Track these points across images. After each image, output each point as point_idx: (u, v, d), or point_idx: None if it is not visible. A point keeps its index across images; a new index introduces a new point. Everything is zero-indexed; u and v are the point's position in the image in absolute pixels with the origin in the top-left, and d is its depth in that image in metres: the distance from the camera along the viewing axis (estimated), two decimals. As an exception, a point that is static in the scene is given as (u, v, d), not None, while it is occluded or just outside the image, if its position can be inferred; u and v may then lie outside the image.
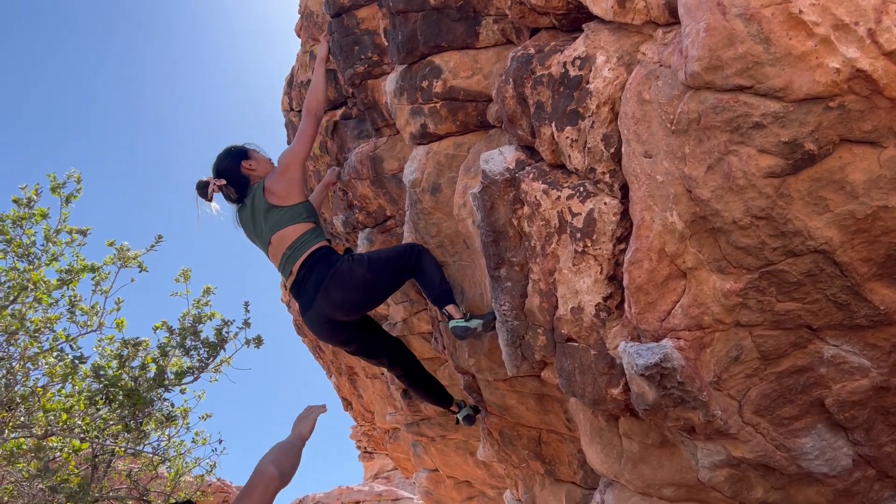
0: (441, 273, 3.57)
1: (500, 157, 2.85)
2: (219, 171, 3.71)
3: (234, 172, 3.67)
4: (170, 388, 2.95)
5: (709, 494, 2.62)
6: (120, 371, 2.91)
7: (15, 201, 3.10)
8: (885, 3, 1.57)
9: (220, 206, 3.76)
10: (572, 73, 2.37)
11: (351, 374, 7.24)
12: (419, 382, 4.11)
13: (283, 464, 2.00)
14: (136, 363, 3.18)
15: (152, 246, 3.56)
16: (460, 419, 4.29)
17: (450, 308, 3.44)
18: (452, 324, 3.36)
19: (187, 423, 4.22)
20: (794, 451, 2.30)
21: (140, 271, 3.53)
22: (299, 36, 4.87)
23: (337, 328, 3.58)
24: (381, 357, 3.94)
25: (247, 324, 2.79)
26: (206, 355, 2.65)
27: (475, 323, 3.29)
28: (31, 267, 3.15)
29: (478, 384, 3.95)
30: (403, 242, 3.89)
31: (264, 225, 3.54)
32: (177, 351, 2.89)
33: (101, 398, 2.86)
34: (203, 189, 3.72)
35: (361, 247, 4.65)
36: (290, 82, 5.23)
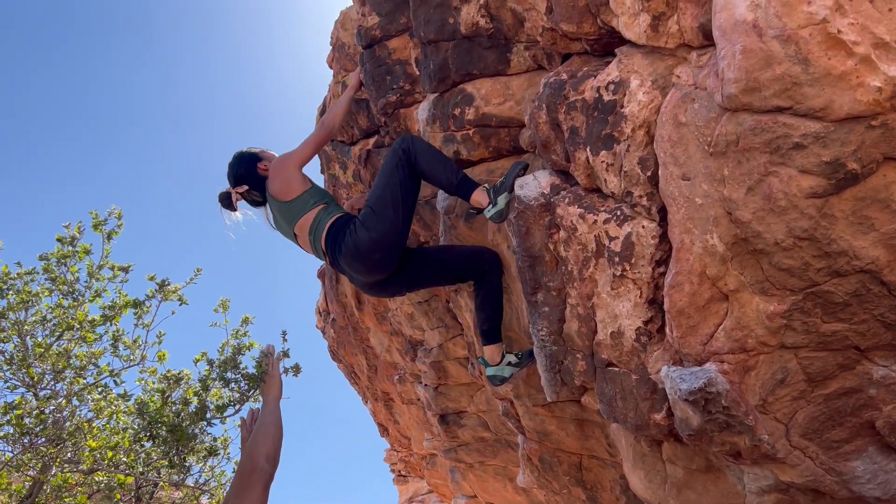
0: (442, 163, 3.26)
1: (534, 183, 2.85)
2: (237, 178, 3.74)
3: (253, 176, 3.71)
4: (211, 421, 2.98)
5: (757, 521, 2.56)
6: (163, 406, 2.96)
7: (59, 240, 3.19)
8: (925, 20, 1.56)
9: (248, 213, 3.81)
10: (606, 97, 2.38)
11: (387, 399, 7.23)
12: (485, 302, 3.56)
13: (273, 453, 1.96)
14: (177, 394, 3.23)
15: (192, 279, 3.63)
16: (486, 376, 3.72)
17: (475, 197, 3.18)
18: (487, 214, 3.13)
19: (228, 454, 4.25)
20: (844, 475, 2.24)
21: (180, 304, 3.59)
22: (331, 67, 4.95)
23: (387, 284, 3.54)
24: (451, 281, 3.63)
25: (285, 354, 2.82)
26: (246, 388, 2.68)
27: (503, 200, 3.05)
28: (75, 304, 3.22)
29: (516, 410, 3.93)
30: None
31: (283, 222, 3.62)
32: (217, 383, 2.92)
33: (145, 434, 2.90)
34: (227, 200, 3.76)
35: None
36: (322, 112, 5.31)
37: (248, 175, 3.72)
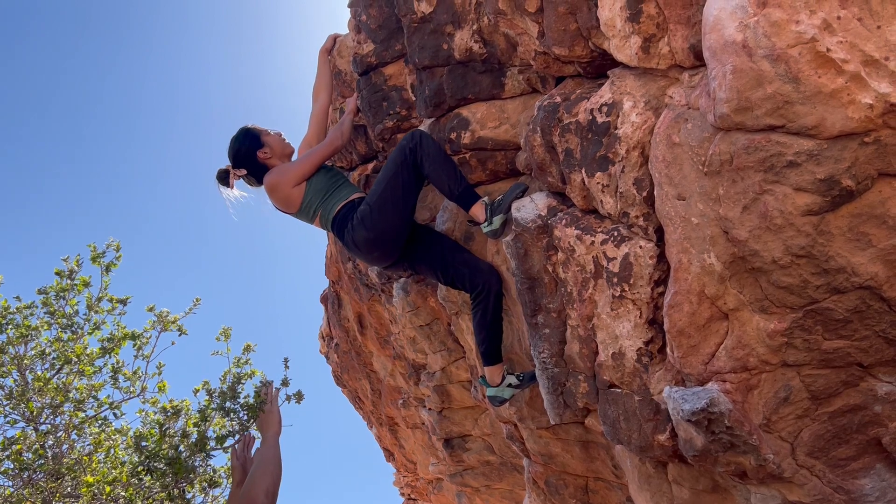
0: (448, 168, 3.21)
1: (531, 205, 2.85)
2: (236, 158, 3.73)
3: (252, 162, 3.70)
4: (211, 453, 2.96)
5: (766, 541, 2.53)
6: (161, 439, 2.94)
7: (58, 273, 3.20)
8: (913, 36, 1.56)
9: (243, 192, 3.81)
10: (600, 119, 2.39)
11: (391, 424, 7.19)
12: (484, 320, 3.44)
13: (272, 489, 1.96)
14: (178, 425, 3.21)
15: (191, 309, 3.62)
16: (487, 396, 3.62)
17: (474, 211, 3.19)
18: (484, 230, 3.17)
19: (231, 482, 4.22)
20: (853, 493, 2.21)
21: (180, 335, 3.58)
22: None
23: (394, 267, 3.60)
24: (454, 284, 3.53)
25: (285, 383, 2.80)
26: (246, 418, 2.66)
27: (498, 220, 3.09)
28: (74, 337, 3.22)
29: (520, 433, 3.90)
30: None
31: (300, 220, 3.71)
32: (217, 413, 2.90)
33: (143, 468, 2.88)
34: (224, 178, 3.77)
35: (397, 297, 4.66)
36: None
37: (248, 159, 3.71)
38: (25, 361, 3.26)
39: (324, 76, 4.11)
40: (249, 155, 3.70)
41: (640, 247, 2.35)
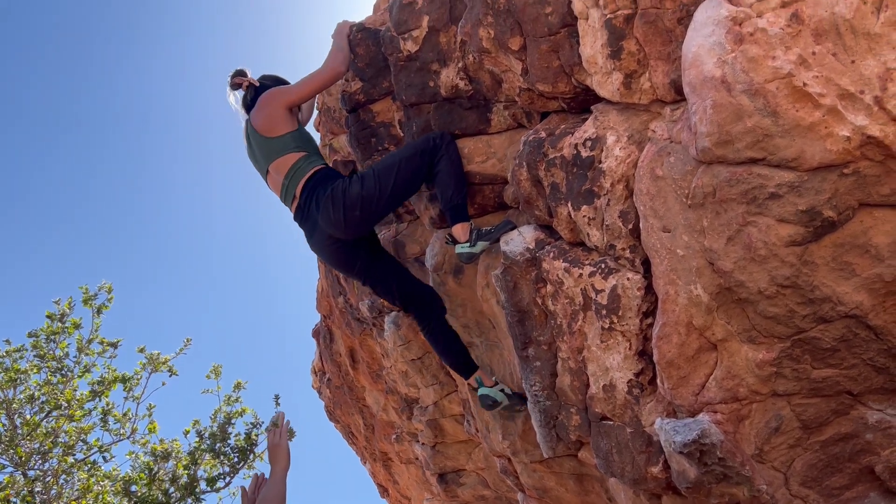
0: (459, 178, 3.24)
1: (519, 238, 2.87)
2: (263, 76, 3.74)
3: (264, 86, 3.66)
4: (201, 498, 2.93)
5: (763, 573, 2.50)
6: (151, 483, 2.91)
7: (49, 316, 3.19)
8: (888, 70, 1.60)
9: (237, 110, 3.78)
10: (584, 153, 2.41)
11: (385, 459, 7.11)
12: (438, 337, 3.58)
13: None
14: (168, 466, 3.17)
15: (181, 349, 3.61)
16: (479, 394, 3.62)
17: (458, 229, 3.21)
18: (458, 249, 3.21)
19: (222, 523, 4.17)
20: (848, 523, 2.20)
21: (170, 375, 3.56)
22: (318, 130, 5.02)
23: (343, 251, 3.41)
24: (393, 295, 3.57)
25: (275, 423, 2.77)
26: (237, 459, 2.63)
27: (480, 246, 3.16)
28: (64, 380, 3.20)
29: (514, 467, 3.87)
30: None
31: (260, 156, 3.54)
32: (207, 455, 2.87)
33: None
34: (236, 75, 3.74)
35: (388, 330, 4.66)
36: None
37: (263, 83, 3.69)
38: (14, 405, 3.23)
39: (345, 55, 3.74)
40: (270, 83, 3.67)
41: (628, 279, 2.36)
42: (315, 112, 4.39)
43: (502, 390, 3.47)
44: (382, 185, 3.20)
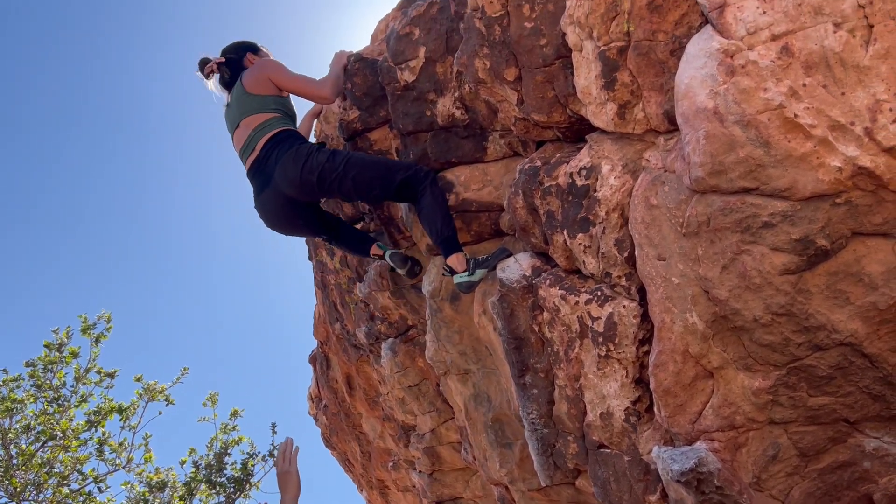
0: (445, 212, 3.21)
1: (515, 265, 2.88)
2: (224, 52, 3.78)
3: (236, 59, 3.73)
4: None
5: None
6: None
7: (46, 346, 3.18)
8: (878, 102, 1.62)
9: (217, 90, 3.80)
10: (579, 182, 2.44)
11: (382, 487, 7.05)
12: (344, 241, 3.88)
13: None
14: (164, 496, 3.15)
15: (178, 378, 3.60)
16: (388, 260, 3.73)
17: (453, 259, 3.17)
18: (457, 279, 3.15)
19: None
20: (847, 553, 2.19)
21: (167, 405, 3.54)
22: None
23: (288, 207, 3.41)
24: (322, 235, 3.79)
25: (272, 455, 2.76)
26: (233, 489, 2.61)
27: (479, 274, 3.11)
28: (60, 409, 3.18)
29: (512, 495, 3.84)
30: (427, 338, 3.78)
31: (235, 109, 3.56)
32: (203, 485, 2.85)
33: None
34: (203, 65, 3.79)
35: (385, 357, 4.65)
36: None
37: (233, 56, 3.74)
38: (10, 435, 3.20)
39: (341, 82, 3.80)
40: (239, 55, 3.73)
41: (624, 306, 2.37)
42: (312, 139, 4.41)
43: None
44: (347, 168, 3.21)
